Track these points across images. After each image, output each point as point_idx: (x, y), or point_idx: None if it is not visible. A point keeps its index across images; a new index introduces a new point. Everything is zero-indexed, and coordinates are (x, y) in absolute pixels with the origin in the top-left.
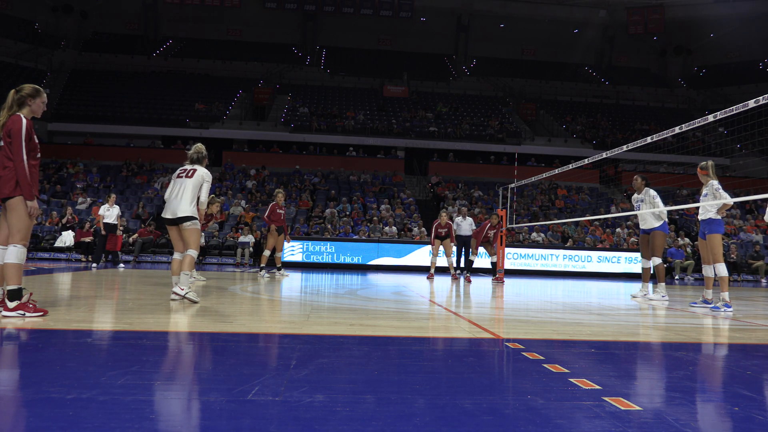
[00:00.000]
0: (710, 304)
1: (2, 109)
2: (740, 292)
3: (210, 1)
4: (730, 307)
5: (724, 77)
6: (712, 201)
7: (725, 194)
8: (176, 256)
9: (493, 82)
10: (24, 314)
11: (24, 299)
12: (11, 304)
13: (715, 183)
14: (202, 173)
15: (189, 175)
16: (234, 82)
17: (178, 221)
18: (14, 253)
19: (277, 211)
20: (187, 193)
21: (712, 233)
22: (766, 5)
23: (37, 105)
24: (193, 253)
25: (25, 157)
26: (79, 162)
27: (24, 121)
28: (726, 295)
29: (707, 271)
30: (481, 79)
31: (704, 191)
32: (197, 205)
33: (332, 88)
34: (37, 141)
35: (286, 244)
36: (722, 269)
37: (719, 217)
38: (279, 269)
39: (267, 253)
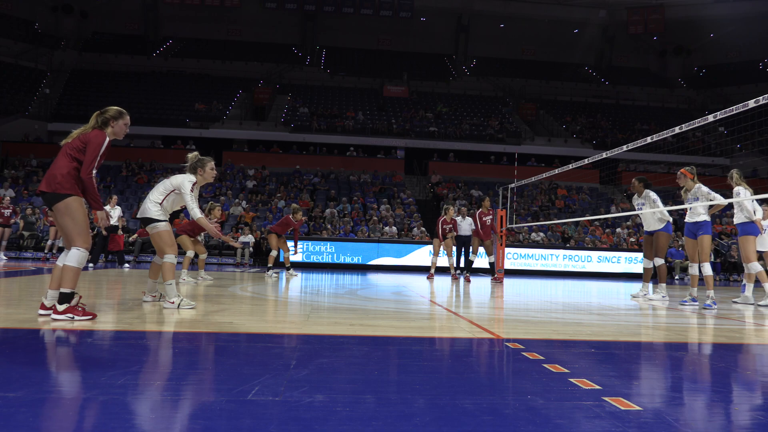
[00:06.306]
0: (697, 302)
1: (86, 126)
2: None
3: (210, 1)
4: (716, 304)
5: (724, 77)
6: (710, 202)
7: (719, 195)
8: (155, 259)
9: (493, 82)
10: (73, 317)
11: (73, 302)
12: (61, 307)
13: (703, 187)
14: (172, 180)
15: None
16: (234, 82)
17: (143, 223)
18: (75, 257)
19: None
20: (153, 194)
21: (705, 234)
22: (766, 5)
23: (119, 127)
24: (170, 258)
25: (94, 171)
26: None
27: (107, 139)
28: (712, 292)
29: (695, 269)
30: (481, 79)
31: (693, 195)
32: (205, 215)
33: (332, 88)
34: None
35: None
36: (708, 268)
37: (708, 218)
38: (288, 269)
39: (274, 253)
